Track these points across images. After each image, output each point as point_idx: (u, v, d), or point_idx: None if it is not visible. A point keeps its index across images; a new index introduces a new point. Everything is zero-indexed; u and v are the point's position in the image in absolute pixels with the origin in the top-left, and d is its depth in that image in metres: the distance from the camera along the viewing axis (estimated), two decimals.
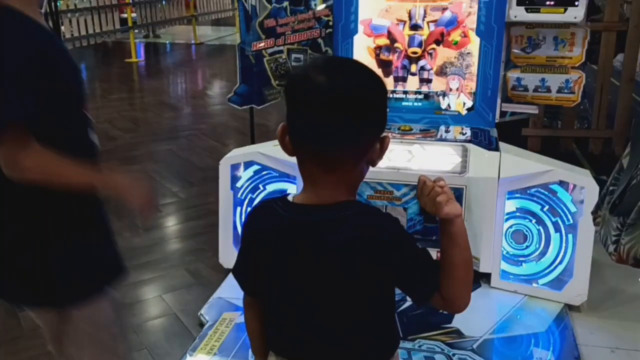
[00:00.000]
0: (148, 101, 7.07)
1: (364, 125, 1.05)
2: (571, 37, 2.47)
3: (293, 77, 1.07)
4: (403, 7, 2.59)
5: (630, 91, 4.49)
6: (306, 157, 1.08)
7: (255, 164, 2.66)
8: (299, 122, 1.06)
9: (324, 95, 1.01)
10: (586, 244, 2.35)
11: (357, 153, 1.07)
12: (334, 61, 1.12)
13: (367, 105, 1.05)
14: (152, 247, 3.22)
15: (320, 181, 1.08)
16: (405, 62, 2.66)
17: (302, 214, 1.09)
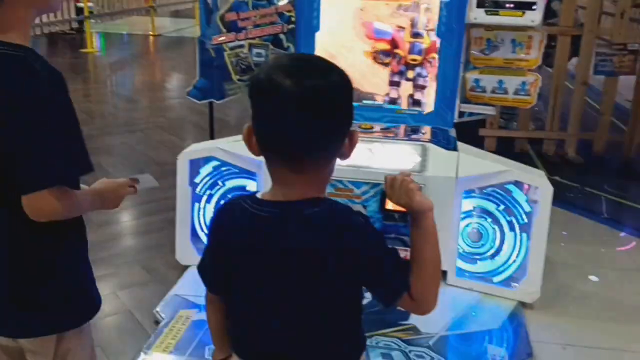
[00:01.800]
0: (104, 93, 6.91)
1: (333, 125, 1.05)
2: (528, 40, 2.52)
3: (257, 80, 1.04)
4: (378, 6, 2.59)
5: (583, 94, 4.63)
6: (274, 159, 1.07)
7: (214, 159, 2.63)
8: (266, 125, 1.04)
9: (291, 98, 0.99)
10: (540, 243, 2.41)
11: (327, 152, 1.07)
12: (298, 60, 1.09)
13: (335, 104, 1.04)
14: (107, 242, 3.14)
15: (290, 181, 1.07)
16: (402, 68, 2.66)
17: (269, 211, 1.07)
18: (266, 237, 1.07)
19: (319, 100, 1.01)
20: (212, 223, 1.19)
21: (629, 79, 4.62)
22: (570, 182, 4.13)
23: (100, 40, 10.33)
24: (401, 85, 2.68)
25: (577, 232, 3.41)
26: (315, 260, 1.05)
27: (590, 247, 3.24)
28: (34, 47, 1.32)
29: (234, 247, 1.11)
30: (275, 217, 1.07)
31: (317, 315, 1.09)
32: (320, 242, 1.04)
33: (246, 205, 1.10)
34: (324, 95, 1.02)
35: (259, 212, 1.08)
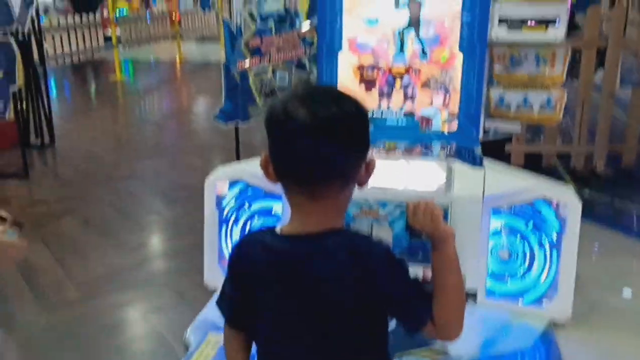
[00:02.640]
0: (131, 118, 7.05)
1: (349, 153, 1.06)
2: (552, 56, 2.50)
3: (273, 109, 1.06)
4: (387, 26, 2.61)
5: (611, 107, 4.56)
6: (291, 187, 1.08)
7: (240, 182, 2.66)
8: (282, 154, 1.06)
9: (306, 127, 1.01)
10: (570, 259, 2.37)
11: (343, 180, 1.08)
12: (313, 90, 1.11)
13: (350, 133, 1.05)
14: (136, 266, 3.19)
15: (307, 209, 1.08)
16: (389, 78, 2.67)
17: (291, 246, 1.09)
18: (288, 272, 1.08)
19: (333, 129, 1.02)
20: (231, 257, 1.19)
21: None
22: (600, 196, 4.06)
23: (128, 67, 10.56)
24: (391, 96, 2.68)
25: (609, 247, 3.34)
26: (338, 293, 1.06)
27: (622, 261, 3.18)
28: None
29: (256, 280, 1.12)
30: (296, 252, 1.08)
31: (342, 345, 1.09)
32: (343, 274, 1.05)
33: (265, 239, 1.11)
34: (338, 124, 1.03)
35: (278, 247, 1.09)
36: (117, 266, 3.15)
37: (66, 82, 9.17)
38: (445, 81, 2.63)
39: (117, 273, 3.08)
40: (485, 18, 2.45)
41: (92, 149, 5.52)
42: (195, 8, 13.86)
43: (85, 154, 5.35)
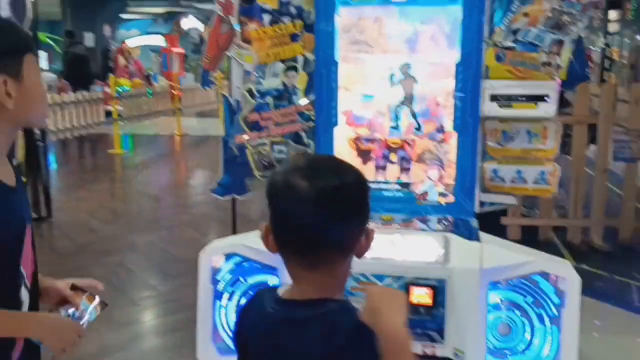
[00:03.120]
0: (130, 192, 7.08)
1: (349, 224, 1.07)
2: (544, 131, 2.55)
3: (274, 181, 1.08)
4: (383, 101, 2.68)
5: (605, 181, 4.62)
6: (291, 257, 1.09)
7: (236, 255, 2.63)
8: (283, 225, 1.07)
9: (306, 198, 1.02)
10: (571, 335, 2.32)
11: (343, 250, 1.09)
12: (313, 161, 1.12)
13: (350, 203, 1.06)
14: (129, 343, 3.11)
15: (306, 280, 1.08)
16: (385, 151, 2.71)
17: (288, 310, 1.09)
18: (283, 336, 1.08)
19: (334, 200, 1.03)
20: (236, 326, 1.20)
21: None
22: (598, 271, 4.03)
23: (128, 141, 10.71)
24: (387, 168, 2.71)
25: (610, 323, 3.29)
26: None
27: (624, 338, 3.12)
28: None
29: (256, 351, 1.11)
30: (291, 317, 1.08)
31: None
32: (327, 346, 1.04)
33: (265, 302, 1.12)
34: (339, 195, 1.04)
35: (277, 313, 1.09)
36: (108, 343, 3.07)
37: (66, 156, 9.27)
38: (440, 155, 2.68)
39: (108, 351, 3.00)
40: (476, 95, 2.52)
41: (89, 222, 5.51)
42: (196, 84, 14.23)
43: (82, 228, 5.33)
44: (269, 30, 2.71)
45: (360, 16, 2.62)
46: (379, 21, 2.61)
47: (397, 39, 2.60)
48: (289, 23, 2.70)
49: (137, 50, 16.96)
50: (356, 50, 2.65)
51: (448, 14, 2.53)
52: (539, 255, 2.46)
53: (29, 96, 1.25)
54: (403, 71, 2.60)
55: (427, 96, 2.60)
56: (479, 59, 2.50)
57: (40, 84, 1.31)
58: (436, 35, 2.57)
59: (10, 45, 1.23)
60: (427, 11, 2.56)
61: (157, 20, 22.47)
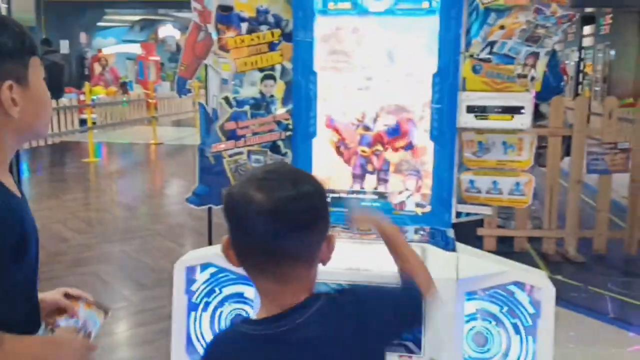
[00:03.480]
0: (103, 201, 6.97)
1: (309, 233, 1.05)
2: (519, 142, 2.58)
3: (230, 196, 1.05)
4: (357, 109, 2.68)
5: (579, 193, 4.68)
6: (256, 272, 1.07)
7: (212, 265, 2.60)
8: (244, 240, 1.05)
9: (264, 211, 1.00)
10: (546, 346, 2.33)
11: (308, 260, 1.07)
12: (269, 172, 1.09)
13: (310, 213, 1.05)
14: (101, 355, 3.04)
15: (275, 293, 1.06)
16: (362, 160, 2.72)
17: (277, 326, 1.06)
18: (283, 351, 1.05)
19: (292, 211, 1.02)
20: (210, 356, 1.11)
21: (623, 176, 4.70)
22: (573, 282, 4.08)
23: (102, 150, 10.57)
24: (365, 178, 2.71)
25: (585, 333, 3.32)
26: (340, 350, 1.08)
27: (599, 348, 3.15)
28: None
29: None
30: (285, 329, 1.05)
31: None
32: (338, 331, 1.08)
33: (245, 330, 1.08)
34: (296, 206, 1.02)
35: (263, 332, 1.06)
36: None
37: (39, 165, 9.11)
38: (417, 165, 2.68)
39: None
40: (453, 107, 2.54)
41: (61, 231, 5.41)
42: (172, 92, 14.14)
43: (54, 237, 5.23)
44: (246, 38, 2.70)
45: (338, 26, 2.63)
46: (357, 32, 2.62)
47: (375, 50, 2.61)
48: (267, 32, 2.69)
49: (113, 58, 16.82)
50: (334, 60, 2.66)
51: (425, 25, 2.55)
52: (515, 266, 2.47)
53: (34, 102, 1.17)
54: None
55: (402, 108, 2.61)
56: (456, 71, 2.52)
57: (46, 89, 1.23)
58: (415, 47, 2.59)
59: (15, 47, 1.13)
60: (406, 22, 2.58)
61: (133, 28, 22.31)
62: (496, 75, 2.48)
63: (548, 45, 2.42)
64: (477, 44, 2.50)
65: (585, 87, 16.97)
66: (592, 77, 16.52)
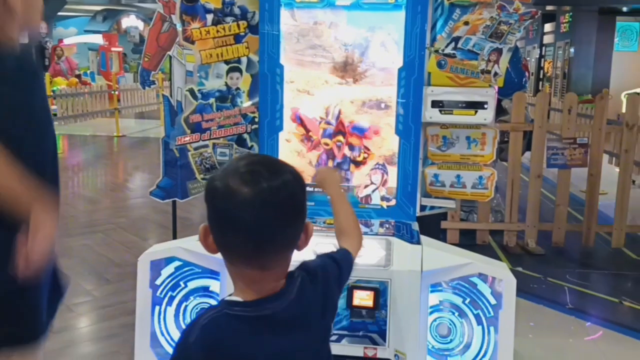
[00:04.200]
0: (64, 195, 6.82)
1: (293, 222, 1.09)
2: (482, 137, 2.62)
3: (213, 187, 1.07)
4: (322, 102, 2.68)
5: (539, 187, 4.79)
6: (239, 261, 1.09)
7: (176, 259, 2.58)
8: (226, 229, 1.07)
9: (248, 202, 1.03)
10: (507, 336, 2.39)
11: (290, 247, 1.12)
12: (251, 164, 1.10)
13: (290, 202, 1.08)
14: (62, 350, 2.99)
15: (256, 278, 1.09)
16: (328, 153, 2.72)
17: (272, 307, 1.10)
18: (281, 330, 1.10)
19: (276, 202, 1.05)
20: (202, 347, 1.07)
21: (581, 171, 4.82)
22: (533, 273, 4.17)
23: (63, 142, 10.34)
24: None
25: (544, 324, 3.41)
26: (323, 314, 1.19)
27: (558, 338, 3.23)
28: None
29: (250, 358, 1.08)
30: (277, 310, 1.09)
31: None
32: (315, 298, 1.17)
33: (237, 312, 1.08)
34: (280, 196, 1.05)
35: (257, 313, 1.08)
36: None
37: None
38: (384, 159, 2.71)
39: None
40: (418, 101, 2.57)
41: None
42: (136, 84, 13.90)
43: None
44: (212, 30, 2.67)
45: (316, 20, 2.63)
46: (334, 27, 2.62)
47: (346, 44, 2.62)
48: (233, 23, 2.67)
49: (74, 48, 16.43)
50: (313, 55, 2.66)
51: (395, 21, 2.56)
52: (477, 258, 2.52)
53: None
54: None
55: (367, 101, 2.63)
56: (421, 65, 2.55)
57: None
58: (385, 42, 2.60)
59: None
60: (375, 17, 2.59)
61: (95, 18, 21.83)
62: (460, 70, 2.52)
63: (511, 41, 2.46)
64: (442, 39, 2.53)
65: (546, 83, 17.35)
66: (553, 74, 16.89)
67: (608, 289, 4.00)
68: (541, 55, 18.23)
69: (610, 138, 6.22)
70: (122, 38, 20.66)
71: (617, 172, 4.97)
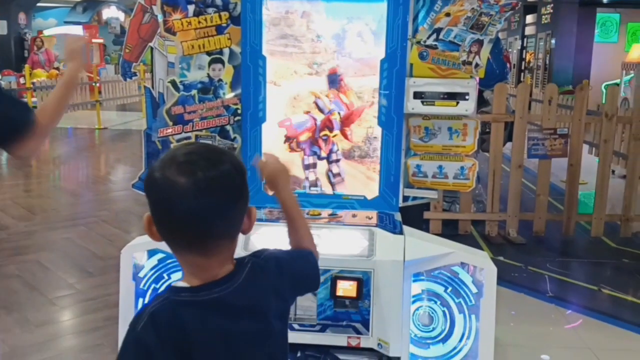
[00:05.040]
0: (46, 188, 6.76)
1: (233, 209, 1.11)
2: (464, 128, 2.65)
3: (152, 179, 1.09)
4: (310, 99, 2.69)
5: (520, 177, 4.84)
6: (182, 248, 1.11)
7: (159, 252, 2.57)
8: (167, 220, 1.09)
9: (186, 193, 1.04)
10: (488, 324, 2.42)
11: (232, 234, 1.14)
12: (189, 154, 1.10)
13: (231, 190, 1.10)
14: (45, 343, 2.98)
15: (202, 264, 1.11)
16: (315, 148, 2.73)
17: (220, 290, 1.11)
18: (229, 313, 1.11)
19: (214, 190, 1.06)
20: (151, 333, 1.09)
21: (562, 161, 4.88)
22: (514, 262, 4.23)
23: None
24: (317, 166, 2.74)
25: (525, 312, 3.46)
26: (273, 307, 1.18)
27: (539, 326, 3.29)
28: None
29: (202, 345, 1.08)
30: (226, 293, 1.11)
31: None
32: (266, 286, 1.18)
33: (183, 298, 1.10)
34: (218, 185, 1.07)
35: (205, 297, 1.09)
36: (24, 344, 2.93)
37: None
38: (369, 148, 2.72)
39: (24, 351, 2.86)
40: (401, 92, 2.58)
41: (1, 218, 5.22)
42: (117, 76, 13.76)
43: None
44: (193, 21, 2.66)
45: (287, 10, 2.63)
46: (307, 16, 2.62)
47: (324, 35, 2.62)
48: (215, 14, 2.66)
49: (54, 39, 16.20)
50: (283, 45, 2.66)
51: (374, 12, 2.57)
52: (459, 248, 2.55)
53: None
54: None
55: (350, 93, 2.64)
56: (403, 57, 2.56)
57: None
58: (363, 33, 2.61)
59: None
60: (354, 8, 2.59)
61: (75, 9, 21.52)
62: (442, 61, 2.53)
63: (492, 33, 2.48)
64: (423, 31, 2.54)
65: (527, 74, 17.48)
66: (534, 65, 17.02)
67: (587, 277, 4.07)
68: (523, 47, 18.35)
69: (590, 128, 6.31)
70: (102, 29, 20.42)
71: (596, 162, 5.04)
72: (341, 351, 2.39)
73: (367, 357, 2.38)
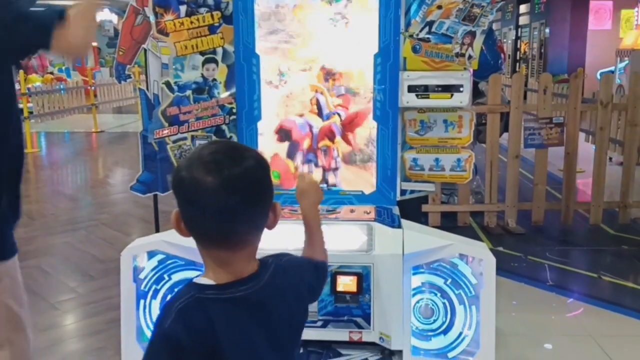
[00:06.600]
0: (44, 192, 6.75)
1: (257, 205, 1.14)
2: (459, 120, 2.65)
3: (179, 178, 1.11)
4: (304, 97, 2.69)
5: (517, 167, 4.85)
6: (210, 243, 1.14)
7: (159, 253, 2.58)
8: (196, 218, 1.11)
9: (214, 192, 1.07)
10: (489, 314, 2.43)
11: (258, 228, 1.18)
12: (215, 152, 1.13)
13: (254, 187, 1.13)
14: (48, 348, 2.98)
15: (229, 260, 1.14)
16: (311, 156, 2.73)
17: (245, 288, 1.13)
18: (255, 312, 1.14)
19: (241, 187, 1.10)
20: (180, 330, 1.08)
21: (558, 150, 4.89)
22: (513, 252, 4.24)
23: (41, 140, 10.21)
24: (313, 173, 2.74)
25: (526, 301, 3.47)
26: (296, 306, 1.23)
27: (540, 315, 3.29)
28: None
29: (229, 342, 1.10)
30: (250, 292, 1.13)
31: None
32: (287, 287, 1.22)
33: (209, 295, 1.11)
34: (245, 182, 1.10)
35: (231, 295, 1.12)
36: None
37: None
38: (371, 152, 2.72)
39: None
40: (395, 86, 2.58)
41: None
42: (112, 79, 13.74)
43: None
44: (185, 21, 2.66)
45: (278, 4, 2.63)
46: (299, 9, 2.62)
47: (316, 30, 2.62)
48: (207, 14, 2.66)
49: None
50: (275, 41, 2.66)
51: (366, 6, 2.57)
52: (457, 239, 2.55)
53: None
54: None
55: (344, 87, 2.64)
56: (397, 51, 2.56)
57: None
58: (355, 27, 2.61)
59: None
60: (344, 3, 2.60)
61: None
62: (435, 54, 2.54)
63: (484, 24, 2.48)
64: (416, 24, 2.54)
65: (522, 64, 17.47)
66: (529, 55, 17.01)
67: (587, 264, 4.08)
68: (517, 37, 18.34)
69: (586, 116, 6.32)
70: (96, 32, 20.36)
71: (593, 149, 5.05)
72: (343, 346, 2.40)
73: (369, 351, 2.39)
